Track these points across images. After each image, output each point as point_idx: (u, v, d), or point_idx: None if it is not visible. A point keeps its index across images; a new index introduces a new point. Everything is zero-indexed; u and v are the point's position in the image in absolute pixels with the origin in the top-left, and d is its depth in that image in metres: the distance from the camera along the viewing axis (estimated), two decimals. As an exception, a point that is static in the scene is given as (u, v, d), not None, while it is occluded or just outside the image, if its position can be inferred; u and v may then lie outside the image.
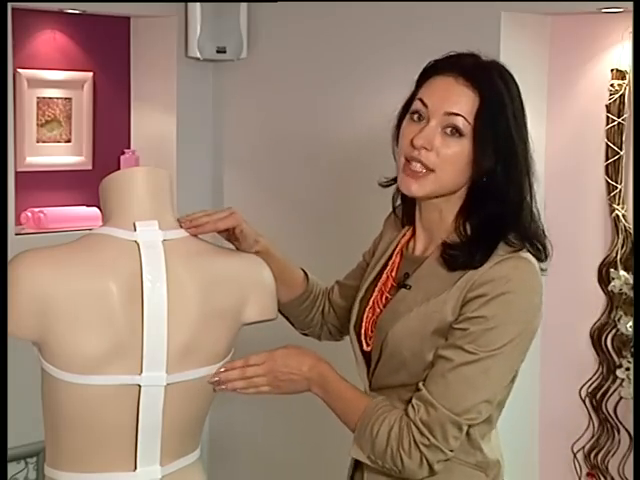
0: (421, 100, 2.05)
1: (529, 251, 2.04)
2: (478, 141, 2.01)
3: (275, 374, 2.08)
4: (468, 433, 2.02)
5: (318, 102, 3.60)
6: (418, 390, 2.00)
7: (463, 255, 2.01)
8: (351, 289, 2.33)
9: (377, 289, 2.17)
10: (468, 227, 2.05)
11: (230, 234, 2.21)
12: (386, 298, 2.14)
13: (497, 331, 1.95)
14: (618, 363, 3.22)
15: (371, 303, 2.16)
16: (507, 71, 2.08)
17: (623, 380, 3.20)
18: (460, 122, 2.01)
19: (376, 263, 2.23)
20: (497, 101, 2.02)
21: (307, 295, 2.37)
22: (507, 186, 2.03)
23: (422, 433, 1.95)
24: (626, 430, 3.23)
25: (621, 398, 3.22)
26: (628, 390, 3.17)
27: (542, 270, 2.08)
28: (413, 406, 1.98)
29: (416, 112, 2.05)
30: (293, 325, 2.43)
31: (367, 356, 2.15)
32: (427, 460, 1.96)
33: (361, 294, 2.22)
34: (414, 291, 2.07)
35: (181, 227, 2.06)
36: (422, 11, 3.32)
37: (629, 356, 3.18)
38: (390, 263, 2.19)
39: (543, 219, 3.50)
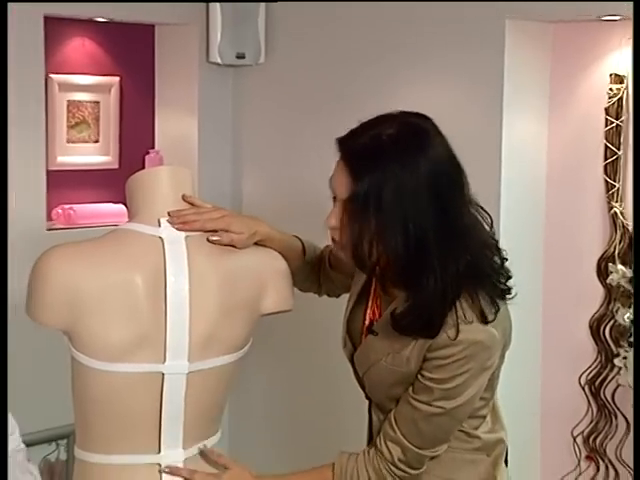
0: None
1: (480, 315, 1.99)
2: (360, 224, 1.95)
3: None
4: (461, 429, 2.09)
5: (334, 105, 3.58)
6: (391, 430, 2.04)
7: (417, 325, 1.98)
8: (347, 266, 2.24)
9: (367, 315, 2.16)
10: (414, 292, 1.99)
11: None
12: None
13: (459, 389, 1.99)
14: (616, 352, 3.25)
15: (365, 331, 2.15)
16: (411, 143, 1.95)
17: (620, 368, 3.22)
18: (345, 207, 1.97)
19: (358, 280, 2.20)
20: (366, 189, 1.92)
21: (305, 265, 2.34)
22: (405, 262, 1.95)
23: (403, 470, 2.05)
24: (623, 415, 3.26)
25: (619, 385, 3.25)
26: (625, 378, 3.18)
27: (507, 299, 2.07)
28: (389, 448, 2.04)
29: None
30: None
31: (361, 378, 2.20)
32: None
33: (347, 314, 2.21)
34: (380, 339, 2.07)
35: (169, 222, 2.03)
36: (425, 13, 3.31)
37: (626, 345, 3.18)
38: (372, 289, 2.16)
39: (543, 217, 3.38)
